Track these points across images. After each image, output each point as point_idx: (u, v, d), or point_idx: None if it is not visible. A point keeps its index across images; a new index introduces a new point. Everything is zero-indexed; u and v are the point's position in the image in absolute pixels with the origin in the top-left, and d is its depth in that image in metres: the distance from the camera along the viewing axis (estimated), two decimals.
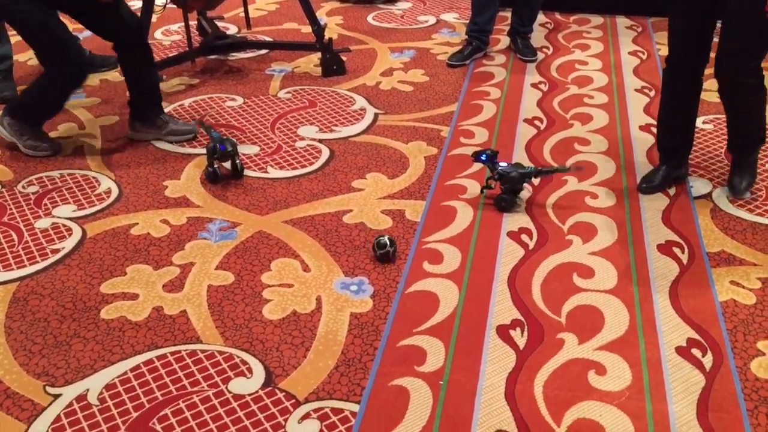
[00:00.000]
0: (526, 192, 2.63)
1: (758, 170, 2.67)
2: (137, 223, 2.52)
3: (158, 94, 3.06)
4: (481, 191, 2.62)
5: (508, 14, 3.96)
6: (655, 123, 3.09)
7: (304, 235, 2.45)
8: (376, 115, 3.23)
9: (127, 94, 3.01)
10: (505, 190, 2.54)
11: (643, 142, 2.97)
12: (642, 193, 2.60)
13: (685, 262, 2.28)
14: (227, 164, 2.78)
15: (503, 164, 2.56)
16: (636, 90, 3.39)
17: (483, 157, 2.58)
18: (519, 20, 3.75)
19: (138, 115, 3.01)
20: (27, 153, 2.89)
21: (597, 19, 4.25)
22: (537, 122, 3.15)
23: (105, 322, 2.09)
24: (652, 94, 3.35)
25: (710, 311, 2.08)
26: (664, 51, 3.83)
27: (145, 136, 3.04)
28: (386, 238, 2.31)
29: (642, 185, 2.62)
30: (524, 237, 2.42)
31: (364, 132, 3.10)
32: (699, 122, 3.11)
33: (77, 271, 2.29)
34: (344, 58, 3.68)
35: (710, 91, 3.36)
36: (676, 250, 2.33)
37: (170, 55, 3.74)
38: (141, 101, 3.00)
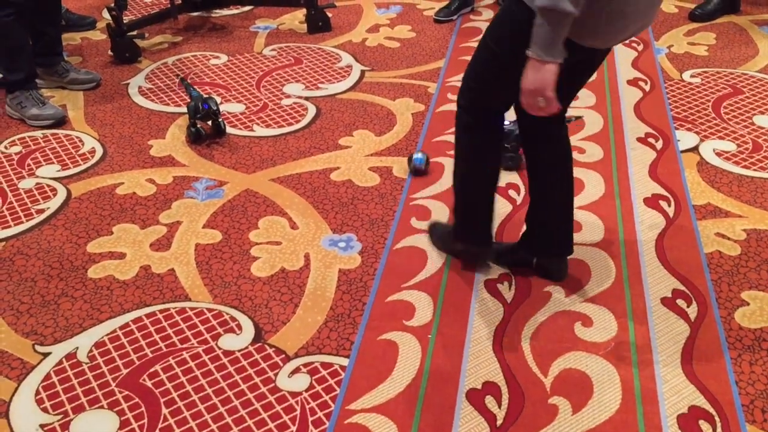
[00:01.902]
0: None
1: (744, 124, 2.67)
2: (123, 183, 2.50)
3: (59, 43, 3.08)
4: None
5: None
6: (643, 77, 3.08)
7: (291, 193, 2.44)
8: (362, 72, 3.20)
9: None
10: (511, 148, 2.51)
11: (631, 96, 2.95)
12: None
13: (671, 215, 2.29)
14: (209, 123, 2.76)
15: (507, 122, 2.49)
16: (624, 44, 3.37)
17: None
18: None
19: (39, 62, 2.98)
20: (32, 124, 2.82)
21: None
22: None
23: (92, 281, 2.08)
24: (640, 48, 3.32)
25: (695, 263, 2.10)
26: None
27: (48, 84, 3.06)
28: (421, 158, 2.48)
29: None
30: (512, 192, 2.42)
31: (350, 89, 3.07)
32: (687, 76, 3.10)
33: (63, 231, 2.28)
34: (329, 15, 3.63)
35: (698, 44, 3.34)
36: (663, 203, 2.34)
37: (152, 12, 3.67)
38: (43, 48, 2.98)
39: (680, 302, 1.97)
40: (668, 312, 1.94)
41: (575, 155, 2.59)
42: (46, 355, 1.85)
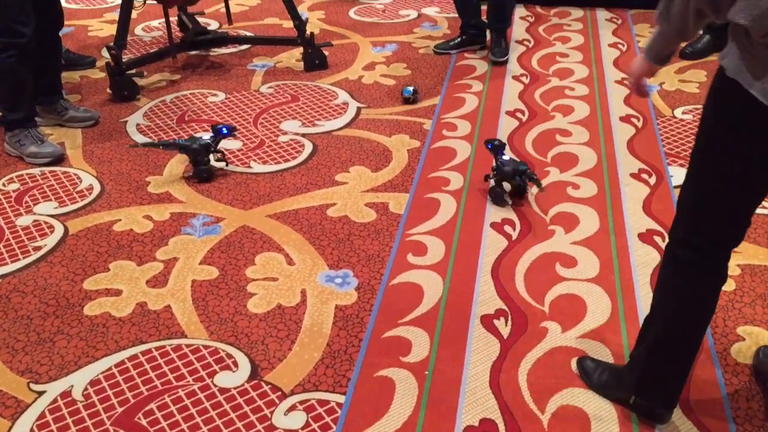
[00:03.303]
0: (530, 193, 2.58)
1: None
2: (120, 220, 2.51)
3: (59, 82, 3.12)
4: (485, 178, 2.61)
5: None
6: (636, 114, 3.13)
7: (288, 229, 2.45)
8: (358, 109, 3.23)
9: None
10: (497, 182, 2.55)
11: (624, 132, 2.99)
12: None
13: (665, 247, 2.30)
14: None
15: (506, 157, 2.55)
16: (616, 81, 3.42)
17: (489, 146, 2.63)
18: (491, 15, 3.67)
19: (38, 100, 3.01)
20: (30, 162, 2.83)
21: (577, 12, 4.27)
22: (519, 114, 3.16)
23: (88, 318, 2.08)
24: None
25: None
26: (645, 42, 3.87)
27: (46, 122, 3.09)
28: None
29: None
30: (507, 228, 2.43)
31: (347, 126, 3.11)
32: (678, 113, 3.14)
33: (60, 268, 2.28)
34: (326, 53, 3.68)
35: (689, 82, 3.40)
36: (657, 239, 2.36)
37: (151, 51, 3.72)
38: (42, 87, 3.00)
39: None
40: None
41: (569, 190, 2.62)
42: (40, 393, 1.84)
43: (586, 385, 1.82)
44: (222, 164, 2.80)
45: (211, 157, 2.75)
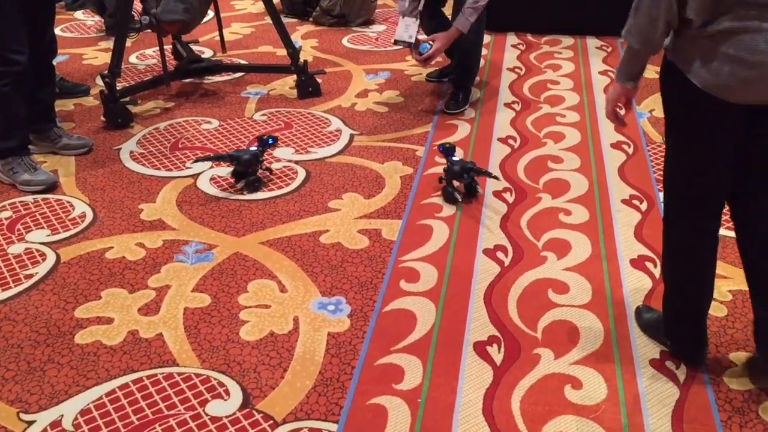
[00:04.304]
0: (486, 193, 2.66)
1: None
2: (112, 247, 2.51)
3: (52, 110, 3.13)
4: (439, 180, 2.81)
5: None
6: (626, 141, 3.15)
7: (280, 256, 2.45)
8: (351, 136, 3.25)
9: None
10: (448, 182, 2.71)
11: (615, 159, 3.01)
12: None
13: (657, 276, 2.31)
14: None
15: (456, 158, 2.75)
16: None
17: (441, 149, 2.85)
18: (456, 72, 3.53)
19: (32, 128, 3.02)
20: (23, 189, 2.83)
21: (568, 40, 4.32)
22: (511, 141, 3.19)
23: (79, 346, 2.07)
24: (622, 111, 3.39)
25: None
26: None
27: (40, 149, 3.09)
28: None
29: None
30: (500, 254, 2.44)
31: (340, 153, 3.12)
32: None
33: (51, 296, 2.27)
34: (319, 80, 3.71)
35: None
36: (649, 265, 2.37)
37: (145, 79, 3.74)
38: (35, 115, 3.01)
39: (669, 364, 1.97)
40: (657, 374, 1.94)
41: (561, 216, 2.63)
42: (30, 423, 1.82)
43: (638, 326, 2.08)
44: (267, 173, 2.94)
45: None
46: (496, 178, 2.71)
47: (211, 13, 3.66)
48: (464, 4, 3.13)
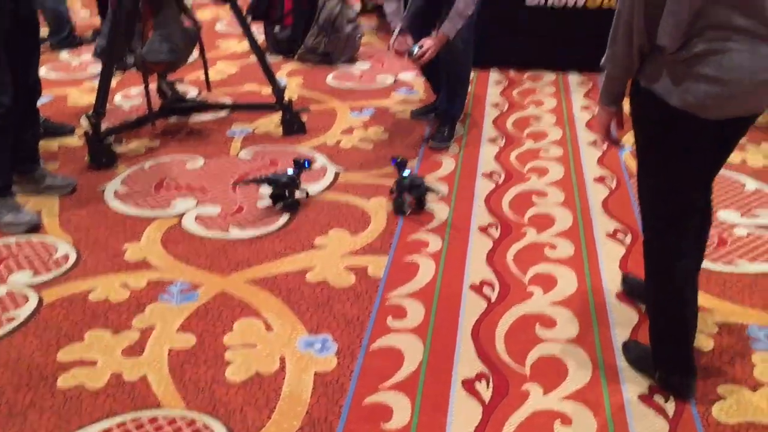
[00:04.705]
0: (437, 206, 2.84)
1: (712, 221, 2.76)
2: (96, 288, 2.48)
3: (36, 150, 3.11)
4: (390, 191, 3.00)
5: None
6: (609, 175, 3.18)
7: (267, 294, 2.44)
8: (337, 173, 3.26)
9: None
10: (398, 194, 2.88)
11: (598, 193, 3.04)
12: None
13: (644, 309, 2.31)
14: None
15: (406, 173, 2.91)
16: (589, 143, 3.49)
17: (393, 162, 3.00)
18: (442, 97, 3.58)
19: (16, 169, 3.01)
20: (6, 231, 2.80)
21: (549, 76, 4.39)
22: (495, 176, 3.21)
23: (62, 390, 2.03)
24: (604, 146, 3.44)
25: None
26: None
27: (23, 190, 3.07)
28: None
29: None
30: (486, 290, 2.44)
31: (325, 190, 3.13)
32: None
33: (33, 339, 2.24)
34: (304, 118, 3.73)
35: None
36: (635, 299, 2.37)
37: (130, 118, 3.75)
38: (19, 156, 3.00)
39: (657, 398, 1.96)
40: (646, 408, 1.93)
41: (547, 251, 2.64)
42: None
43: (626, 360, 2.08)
44: (304, 195, 3.04)
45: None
46: (438, 194, 2.93)
47: (196, 53, 3.68)
48: (452, 10, 3.20)
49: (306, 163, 3.00)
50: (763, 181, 3.07)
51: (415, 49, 3.29)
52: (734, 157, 3.27)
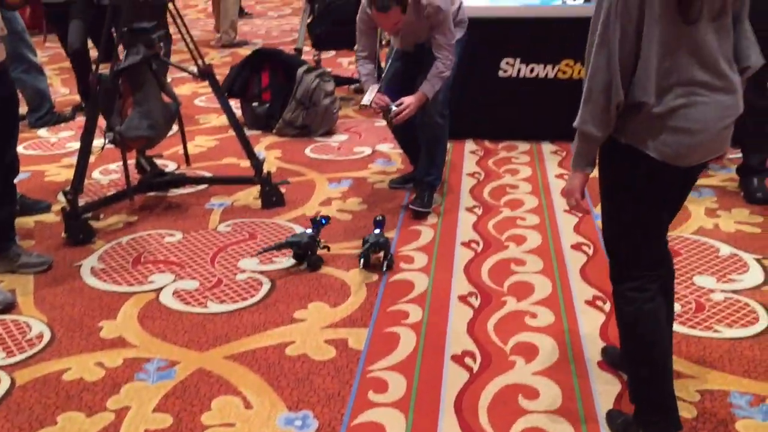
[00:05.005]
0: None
1: (685, 284, 2.79)
2: (70, 368, 2.43)
3: (12, 228, 3.09)
4: (363, 244, 3.06)
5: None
6: (586, 242, 3.22)
7: (245, 370, 2.40)
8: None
9: None
10: (366, 248, 3.01)
11: (576, 260, 3.06)
12: None
13: (625, 378, 2.30)
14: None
15: (377, 231, 3.08)
16: (565, 211, 3.54)
17: (375, 218, 3.15)
18: (420, 165, 3.62)
19: None
20: None
21: (524, 146, 4.48)
22: (474, 245, 3.23)
23: None
24: (580, 213, 3.49)
25: None
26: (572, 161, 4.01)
27: None
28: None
29: None
30: (468, 360, 2.42)
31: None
32: None
33: (4, 423, 2.17)
34: (283, 190, 3.76)
35: None
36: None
37: (108, 194, 3.75)
38: None
39: None
40: None
41: (527, 319, 2.64)
42: None
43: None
44: (325, 250, 3.14)
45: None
46: (390, 262, 3.01)
47: (175, 127, 3.72)
48: (431, 72, 3.35)
49: (323, 220, 3.12)
50: (737, 246, 3.12)
51: (393, 107, 3.37)
52: (707, 222, 3.34)
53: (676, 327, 2.55)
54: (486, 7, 4.45)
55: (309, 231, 3.07)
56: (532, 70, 4.41)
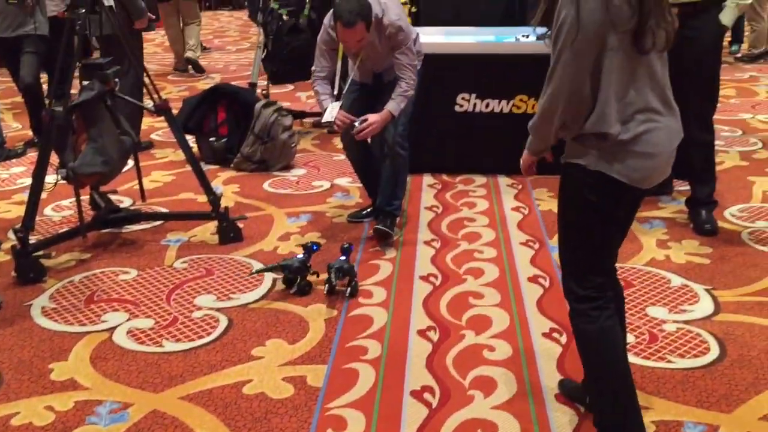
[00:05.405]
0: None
1: (638, 315, 2.84)
2: (19, 412, 2.35)
3: None
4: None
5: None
6: (542, 274, 3.26)
7: (201, 411, 2.35)
8: (274, 280, 3.24)
9: None
10: (329, 274, 3.07)
11: (533, 292, 3.09)
12: None
13: (582, 410, 2.32)
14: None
15: (343, 258, 3.12)
16: (521, 243, 3.58)
17: (343, 245, 3.18)
18: (381, 195, 3.66)
19: None
20: None
21: (480, 179, 4.53)
22: (432, 278, 3.24)
23: None
24: (536, 246, 3.54)
25: None
26: (544, 206, 4.11)
27: None
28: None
29: None
30: (427, 395, 2.41)
31: (262, 298, 3.10)
32: None
33: None
34: (241, 225, 3.73)
35: None
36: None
37: (60, 231, 3.67)
38: None
39: None
40: None
41: (485, 353, 2.65)
42: None
43: None
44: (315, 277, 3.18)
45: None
46: (354, 289, 3.07)
47: (130, 162, 3.68)
48: (395, 92, 3.43)
49: (314, 246, 3.20)
50: (687, 277, 3.19)
51: (357, 124, 3.41)
52: (658, 254, 3.42)
53: (631, 358, 2.58)
54: (442, 43, 4.54)
55: (300, 256, 3.14)
56: (487, 105, 4.50)
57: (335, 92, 3.60)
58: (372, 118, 3.40)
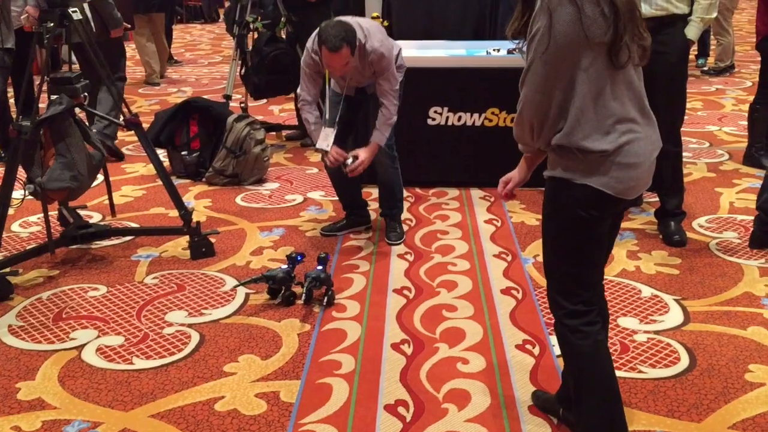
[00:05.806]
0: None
1: (610, 326, 2.86)
2: None
3: None
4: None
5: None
6: (515, 286, 3.27)
7: (173, 429, 2.32)
8: (247, 295, 3.21)
9: None
10: (308, 283, 3.10)
11: (506, 304, 3.11)
12: None
13: (556, 422, 2.33)
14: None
15: (320, 267, 3.14)
16: (494, 255, 3.60)
17: (320, 255, 3.21)
18: (383, 202, 3.89)
19: None
20: None
21: (453, 192, 4.55)
22: (406, 291, 3.24)
23: None
24: (509, 258, 3.56)
25: None
26: (516, 218, 4.14)
27: None
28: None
29: None
30: (401, 409, 2.40)
31: (235, 313, 3.07)
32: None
33: None
34: (213, 240, 3.70)
35: None
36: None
37: (28, 247, 3.61)
38: None
39: None
40: None
41: (459, 366, 2.65)
42: None
43: None
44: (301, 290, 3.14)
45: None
46: (331, 298, 3.09)
47: (100, 177, 3.63)
48: (378, 120, 3.51)
49: (299, 257, 3.23)
50: (657, 288, 3.23)
51: (350, 161, 3.47)
52: (629, 265, 3.45)
53: None
54: (414, 57, 4.55)
55: (284, 267, 3.15)
56: (459, 119, 4.52)
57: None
58: (362, 156, 3.49)
